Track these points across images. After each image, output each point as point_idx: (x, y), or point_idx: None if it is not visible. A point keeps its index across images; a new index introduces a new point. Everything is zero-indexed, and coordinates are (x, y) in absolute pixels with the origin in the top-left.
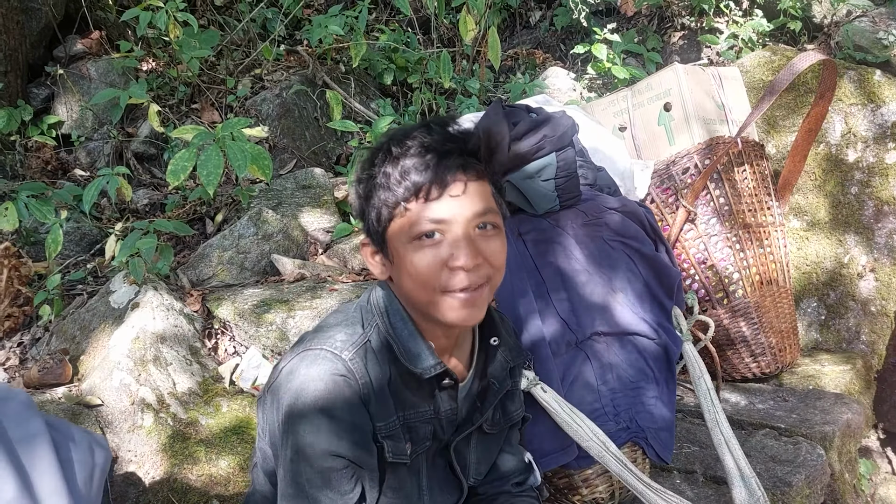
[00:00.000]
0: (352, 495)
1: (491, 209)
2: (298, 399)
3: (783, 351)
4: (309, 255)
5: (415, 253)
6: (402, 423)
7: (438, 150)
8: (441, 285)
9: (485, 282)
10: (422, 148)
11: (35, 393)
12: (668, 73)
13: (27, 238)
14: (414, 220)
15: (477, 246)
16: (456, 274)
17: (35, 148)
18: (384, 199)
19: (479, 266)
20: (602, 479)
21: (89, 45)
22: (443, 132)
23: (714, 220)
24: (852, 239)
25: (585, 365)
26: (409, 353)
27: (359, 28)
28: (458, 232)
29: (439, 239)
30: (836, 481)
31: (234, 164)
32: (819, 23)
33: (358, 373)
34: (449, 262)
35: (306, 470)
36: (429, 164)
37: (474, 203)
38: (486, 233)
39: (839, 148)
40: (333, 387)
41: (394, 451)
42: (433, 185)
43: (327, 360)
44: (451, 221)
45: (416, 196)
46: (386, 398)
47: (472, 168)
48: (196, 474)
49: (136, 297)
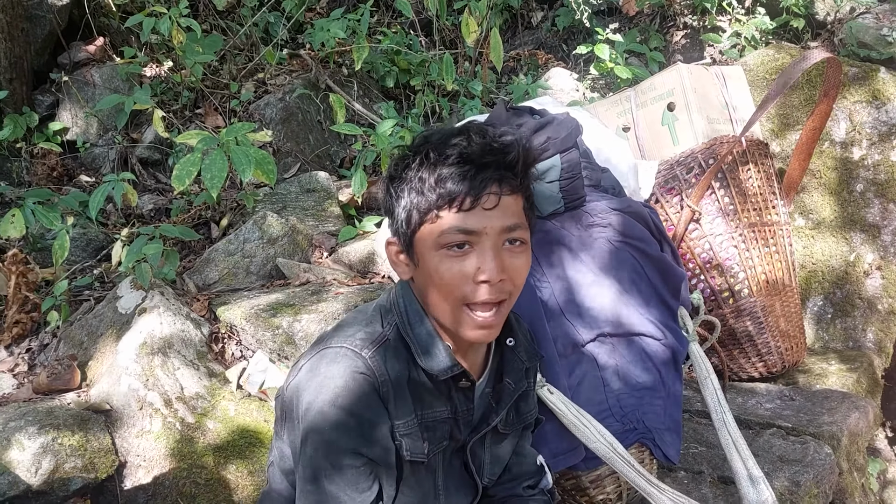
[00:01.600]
0: (369, 493)
1: (521, 225)
2: (318, 396)
3: (790, 350)
4: (314, 259)
5: (441, 261)
6: (420, 422)
7: (477, 162)
8: (463, 297)
9: (505, 298)
10: (461, 157)
11: (44, 399)
12: (672, 73)
13: (34, 244)
14: (444, 229)
15: (503, 261)
16: (479, 287)
17: (41, 155)
18: (416, 203)
19: (504, 282)
20: (610, 479)
21: (93, 51)
22: (482, 143)
23: (719, 219)
24: (858, 237)
25: (592, 366)
26: (426, 353)
27: (361, 31)
28: (486, 245)
29: (467, 250)
30: (844, 480)
31: (239, 169)
32: (822, 20)
33: (377, 371)
34: (475, 275)
35: (325, 467)
36: (466, 175)
37: (506, 217)
38: (513, 248)
39: (844, 146)
40: (353, 384)
41: (412, 449)
42: (468, 196)
43: (348, 357)
44: (480, 233)
45: (450, 205)
46: (405, 397)
47: (507, 182)
48: (205, 478)
49: (143, 303)
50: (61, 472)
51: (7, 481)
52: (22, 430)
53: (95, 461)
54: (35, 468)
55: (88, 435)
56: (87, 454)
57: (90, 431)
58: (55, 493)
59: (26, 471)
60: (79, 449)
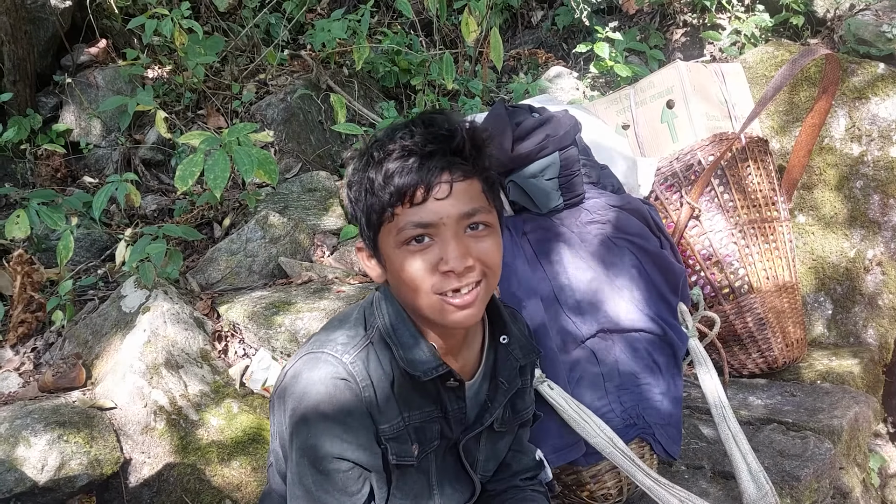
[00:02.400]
0: (359, 496)
1: (480, 208)
2: (301, 403)
3: (790, 346)
4: (316, 258)
5: (404, 258)
6: (408, 425)
7: (420, 153)
8: (434, 288)
9: (478, 281)
10: (403, 151)
11: (50, 397)
12: (671, 71)
13: (39, 245)
14: (401, 226)
15: (467, 247)
16: (447, 277)
17: (45, 156)
18: (371, 205)
19: (471, 268)
20: (610, 475)
21: (96, 53)
22: (425, 132)
23: (719, 216)
24: (858, 233)
25: (591, 362)
26: (409, 355)
27: (361, 31)
28: (446, 235)
29: (428, 243)
30: (845, 475)
31: (241, 169)
32: (822, 17)
33: (359, 376)
34: (439, 265)
35: (312, 472)
36: (412, 168)
37: (461, 203)
38: (477, 233)
39: (844, 142)
40: (334, 390)
41: (398, 453)
42: (417, 188)
43: (328, 363)
44: (437, 224)
45: (402, 201)
46: (389, 400)
47: (457, 168)
48: (209, 475)
49: (146, 302)
50: (67, 469)
51: (13, 478)
52: (28, 428)
53: (100, 458)
54: (41, 465)
55: (94, 432)
56: (92, 451)
57: (95, 429)
58: (61, 490)
59: (32, 468)
60: (84, 446)
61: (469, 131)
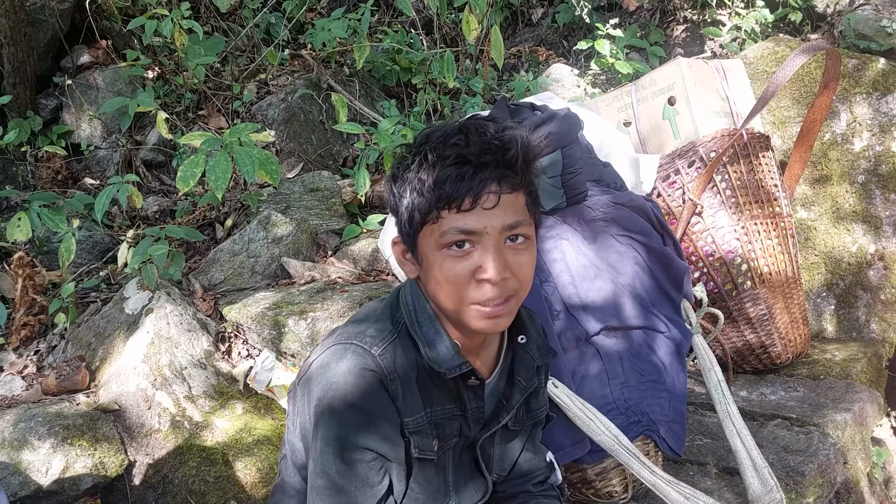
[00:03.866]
0: (380, 487)
1: (523, 221)
2: (328, 392)
3: (793, 341)
4: (318, 258)
5: (443, 261)
6: (430, 420)
7: (475, 163)
8: (468, 296)
9: (511, 295)
10: (458, 158)
11: (53, 400)
12: (672, 67)
13: (40, 247)
14: (445, 230)
15: (506, 259)
16: (482, 286)
17: (45, 158)
18: (417, 204)
19: (507, 280)
20: (615, 472)
21: (96, 54)
22: (481, 142)
23: (721, 212)
24: (860, 228)
25: (595, 360)
26: (433, 351)
27: (362, 30)
28: (487, 244)
29: (469, 250)
30: (849, 470)
31: (243, 170)
32: (822, 12)
33: (387, 368)
34: (477, 273)
35: (336, 462)
36: (464, 176)
37: (506, 215)
38: (516, 246)
39: (845, 137)
40: (362, 381)
41: (420, 446)
42: (466, 197)
43: (357, 354)
44: (481, 233)
45: (449, 206)
46: (414, 394)
47: (507, 180)
48: (213, 476)
49: (149, 303)
50: (72, 472)
51: (18, 481)
52: (32, 431)
53: (105, 460)
54: (46, 468)
55: (98, 435)
56: (96, 454)
57: (99, 431)
58: (66, 493)
59: (37, 471)
60: (88, 449)
61: (524, 145)
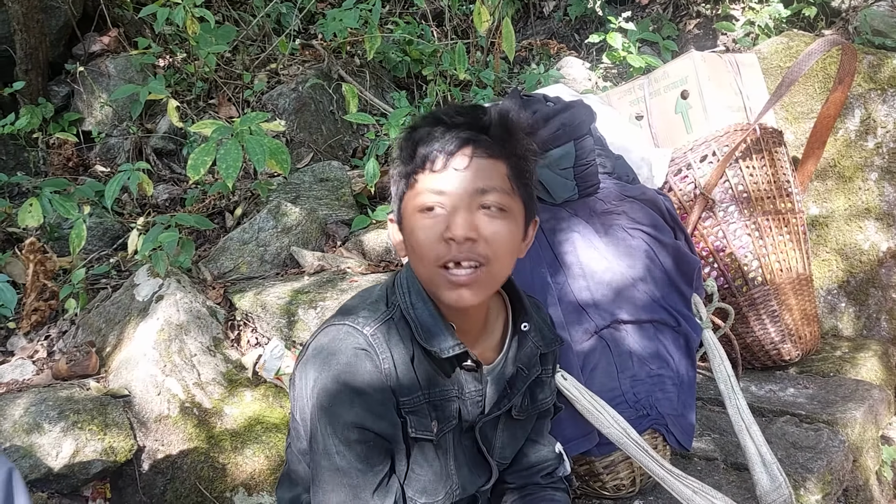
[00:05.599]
0: (381, 467)
1: (497, 188)
2: (322, 373)
3: (803, 338)
4: (327, 248)
5: (416, 223)
6: (428, 401)
7: (447, 123)
8: (436, 257)
9: (481, 263)
10: (433, 119)
11: (64, 385)
12: (685, 61)
13: (51, 234)
14: (419, 191)
15: (476, 222)
16: (449, 245)
17: (56, 145)
18: (401, 171)
19: (476, 243)
20: (623, 465)
21: (108, 42)
22: (457, 106)
23: (732, 207)
24: (872, 225)
25: (605, 352)
26: (427, 333)
27: (373, 21)
28: (457, 204)
29: (440, 213)
30: (858, 468)
31: (253, 159)
32: (836, 8)
33: (379, 348)
34: (444, 233)
35: (335, 442)
36: (435, 135)
37: (478, 179)
38: (489, 213)
39: (859, 134)
40: (355, 360)
41: (417, 426)
42: (439, 155)
43: (349, 334)
44: (450, 194)
45: (423, 166)
46: (409, 375)
47: (482, 144)
48: (222, 463)
49: (159, 290)
50: (81, 456)
51: (28, 464)
52: (43, 415)
53: (115, 445)
54: (56, 452)
55: (108, 420)
56: (106, 439)
57: (109, 416)
58: (75, 477)
59: (47, 454)
60: (98, 433)
61: (501, 113)
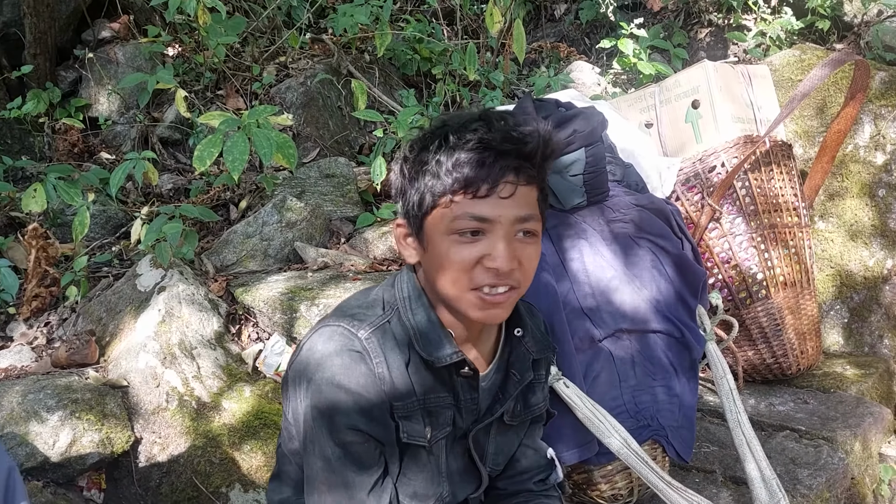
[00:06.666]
0: (375, 468)
1: (534, 216)
2: (316, 374)
3: (805, 353)
4: (331, 245)
5: (451, 246)
6: (422, 407)
7: (496, 150)
8: (471, 282)
9: (514, 286)
10: (480, 143)
11: (62, 373)
12: (698, 70)
13: (54, 220)
14: (458, 214)
15: (514, 250)
16: (488, 272)
17: (62, 130)
18: (430, 186)
19: (513, 271)
20: (622, 475)
21: (117, 29)
22: (503, 130)
23: (739, 219)
24: (878, 242)
25: (608, 361)
26: (424, 340)
27: (384, 18)
28: (499, 233)
29: (479, 238)
30: (857, 485)
31: (260, 152)
32: (849, 22)
33: (373, 352)
34: (485, 260)
35: (328, 444)
36: (484, 162)
37: (520, 207)
38: (524, 240)
39: (867, 150)
40: (349, 362)
41: (409, 432)
42: (484, 183)
43: (343, 336)
44: (494, 222)
45: (465, 190)
46: (403, 379)
47: (524, 172)
48: (219, 457)
49: (162, 281)
50: (78, 446)
51: (25, 452)
52: (41, 403)
53: (112, 436)
54: (53, 440)
55: (105, 410)
56: (103, 429)
57: (107, 407)
58: (72, 467)
59: (44, 443)
60: (96, 424)
61: (544, 139)
